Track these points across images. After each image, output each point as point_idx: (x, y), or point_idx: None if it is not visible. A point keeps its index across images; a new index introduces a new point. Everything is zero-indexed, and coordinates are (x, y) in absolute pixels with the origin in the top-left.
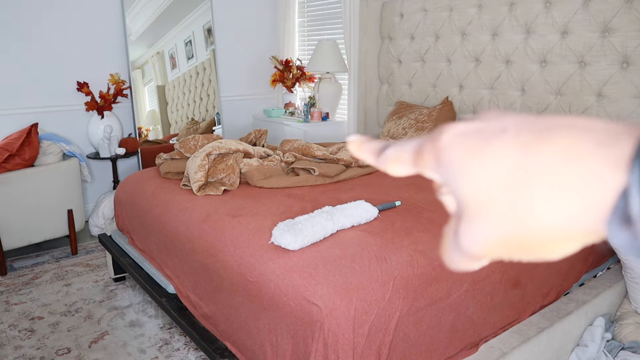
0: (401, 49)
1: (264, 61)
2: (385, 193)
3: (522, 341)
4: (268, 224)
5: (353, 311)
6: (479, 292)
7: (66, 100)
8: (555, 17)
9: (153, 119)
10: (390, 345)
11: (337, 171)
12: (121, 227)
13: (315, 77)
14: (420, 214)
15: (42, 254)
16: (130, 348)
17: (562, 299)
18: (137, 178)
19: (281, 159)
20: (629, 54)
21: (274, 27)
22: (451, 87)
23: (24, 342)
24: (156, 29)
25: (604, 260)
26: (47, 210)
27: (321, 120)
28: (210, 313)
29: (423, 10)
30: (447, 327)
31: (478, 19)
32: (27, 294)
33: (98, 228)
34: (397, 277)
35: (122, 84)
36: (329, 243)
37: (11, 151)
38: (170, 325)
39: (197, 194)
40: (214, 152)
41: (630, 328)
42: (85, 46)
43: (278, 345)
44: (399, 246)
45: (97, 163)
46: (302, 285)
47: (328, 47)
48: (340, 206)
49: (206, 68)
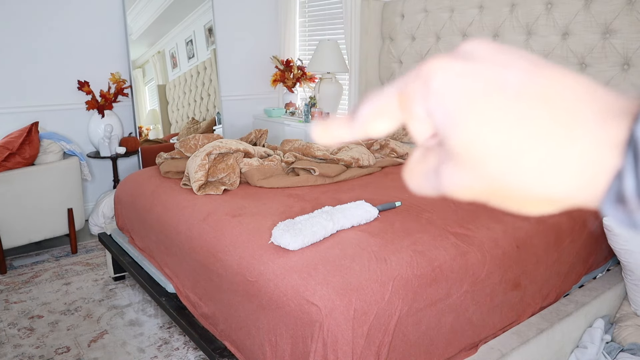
0: (402, 49)
1: (265, 61)
2: (385, 193)
3: (521, 342)
4: (268, 223)
5: (352, 311)
6: (479, 293)
7: (67, 99)
8: (556, 19)
9: (153, 118)
10: (390, 346)
11: (338, 171)
12: (121, 226)
13: (315, 77)
14: (420, 215)
15: (42, 252)
16: (129, 347)
17: (562, 300)
18: (138, 177)
19: (281, 159)
20: (630, 55)
21: (275, 27)
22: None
23: (23, 341)
24: (157, 28)
25: (604, 262)
26: (47, 209)
27: None
28: (210, 313)
29: (424, 11)
30: (446, 328)
31: (479, 20)
32: (26, 292)
33: (98, 227)
34: (397, 277)
35: (122, 83)
36: (329, 243)
37: (11, 150)
38: (170, 325)
39: (197, 193)
40: (214, 152)
41: (630, 330)
42: (86, 45)
43: (277, 345)
44: (399, 247)
45: (97, 162)
46: (302, 286)
47: (329, 48)
48: (340, 206)
49: (207, 67)
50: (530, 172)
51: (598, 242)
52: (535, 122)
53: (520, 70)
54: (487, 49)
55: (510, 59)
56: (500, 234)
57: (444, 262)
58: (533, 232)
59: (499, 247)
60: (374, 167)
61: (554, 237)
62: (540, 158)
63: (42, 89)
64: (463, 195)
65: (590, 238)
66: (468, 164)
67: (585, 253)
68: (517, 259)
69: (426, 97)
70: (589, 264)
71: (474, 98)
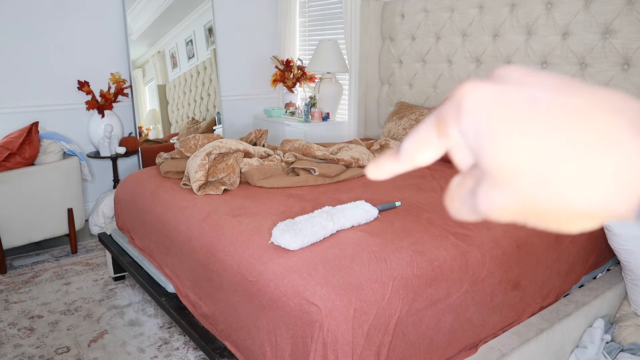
0: (402, 49)
1: (265, 61)
2: (385, 193)
3: (521, 342)
4: (268, 223)
5: (352, 311)
6: (479, 293)
7: (67, 99)
8: (556, 19)
9: (153, 118)
10: (390, 346)
11: (338, 171)
12: (121, 226)
13: (315, 77)
14: (420, 215)
15: (42, 252)
16: (129, 347)
17: (562, 300)
18: (138, 177)
19: (281, 159)
20: (630, 55)
21: (275, 27)
22: (452, 87)
23: (23, 341)
24: (157, 28)
25: (604, 262)
26: (47, 209)
27: (322, 121)
28: (210, 312)
29: (424, 10)
30: (446, 328)
31: (479, 19)
32: (26, 292)
33: (98, 227)
34: (397, 277)
35: (122, 83)
36: (329, 243)
37: (12, 150)
38: (170, 325)
39: (197, 193)
40: (214, 152)
41: (630, 330)
42: (86, 45)
43: (277, 345)
44: (399, 247)
45: (97, 162)
46: (302, 285)
47: (329, 47)
48: (340, 206)
49: (207, 67)
50: (566, 185)
51: (598, 242)
52: (569, 135)
53: (551, 87)
54: (518, 72)
55: (540, 79)
56: (500, 234)
57: (444, 262)
58: (533, 232)
59: (499, 247)
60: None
61: (554, 237)
62: (576, 171)
63: (42, 89)
64: (501, 216)
65: (590, 238)
66: (503, 182)
67: (585, 253)
68: (517, 259)
69: (459, 118)
70: (589, 264)
71: (506, 115)
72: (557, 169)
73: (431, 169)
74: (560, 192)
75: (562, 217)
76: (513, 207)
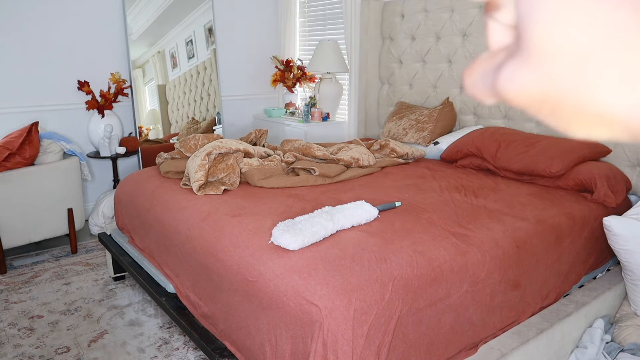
0: (402, 49)
1: (265, 61)
2: (385, 193)
3: (521, 342)
4: (268, 223)
5: (352, 311)
6: (479, 293)
7: (67, 99)
8: None
9: (153, 118)
10: (390, 346)
11: (338, 171)
12: (121, 226)
13: (315, 77)
14: (420, 215)
15: (42, 252)
16: (129, 347)
17: (562, 300)
18: (137, 177)
19: (281, 159)
20: None
21: (275, 27)
22: (452, 87)
23: (23, 341)
24: (157, 28)
25: (604, 262)
26: (47, 209)
27: (322, 121)
28: (210, 312)
29: (424, 11)
30: (446, 328)
31: (479, 20)
32: (26, 292)
33: (98, 227)
34: (397, 277)
35: (122, 83)
36: (329, 243)
37: (11, 150)
38: (170, 325)
39: (197, 193)
40: (214, 152)
41: (630, 330)
42: (86, 45)
43: (277, 345)
44: (399, 247)
45: (97, 162)
46: (302, 286)
47: (329, 48)
48: (340, 206)
49: (207, 67)
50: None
51: (598, 242)
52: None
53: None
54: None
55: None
56: (500, 234)
57: (444, 262)
58: (533, 232)
59: (499, 247)
60: (374, 167)
61: (553, 237)
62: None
63: (42, 89)
64: (516, 98)
65: (590, 238)
66: (536, 62)
67: (585, 253)
68: (517, 259)
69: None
70: (589, 264)
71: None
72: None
73: (431, 169)
74: (593, 87)
75: (578, 117)
76: (534, 91)
